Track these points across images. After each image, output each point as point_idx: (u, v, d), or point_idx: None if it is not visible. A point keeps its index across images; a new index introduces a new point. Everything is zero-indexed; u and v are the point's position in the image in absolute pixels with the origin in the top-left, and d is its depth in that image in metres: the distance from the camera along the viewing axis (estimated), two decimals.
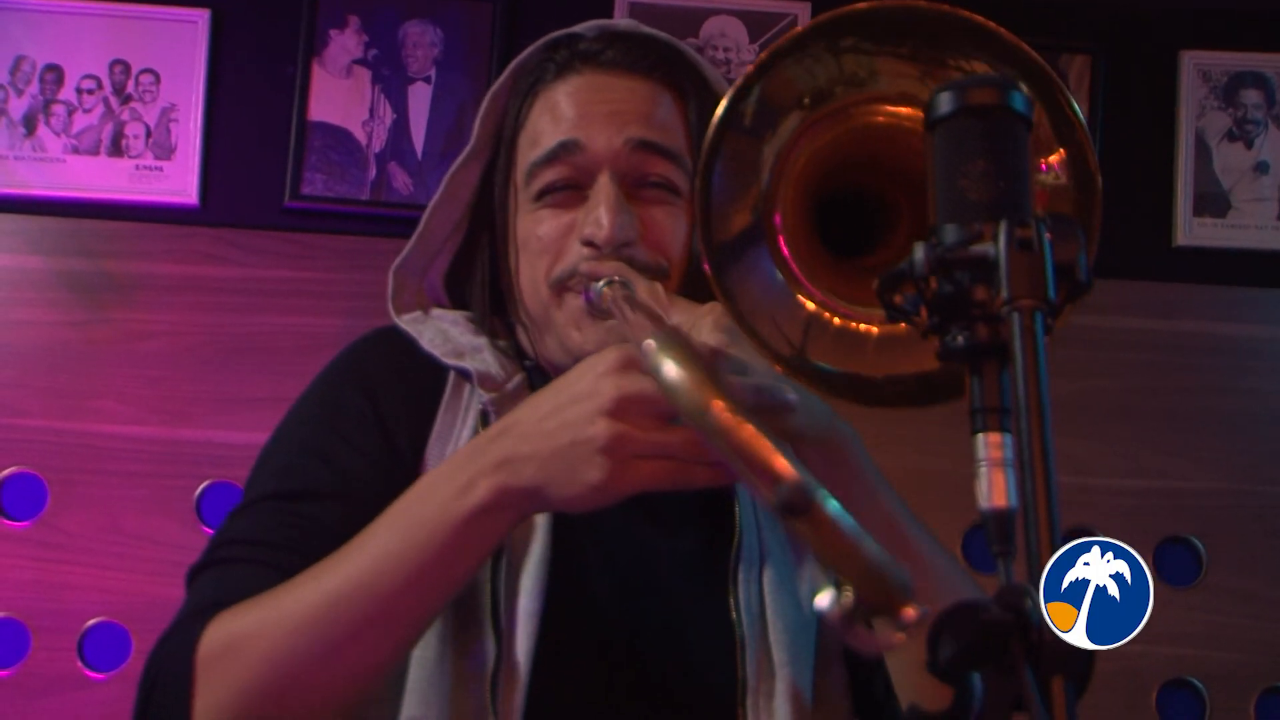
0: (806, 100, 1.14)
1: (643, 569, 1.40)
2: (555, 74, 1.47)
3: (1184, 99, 2.84)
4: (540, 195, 1.43)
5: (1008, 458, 0.82)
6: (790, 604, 1.39)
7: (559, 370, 1.42)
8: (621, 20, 1.50)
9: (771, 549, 1.42)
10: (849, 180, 1.21)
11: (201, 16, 2.74)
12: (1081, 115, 1.10)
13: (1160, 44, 2.87)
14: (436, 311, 1.54)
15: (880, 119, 1.15)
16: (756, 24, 2.81)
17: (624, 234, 1.37)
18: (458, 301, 1.58)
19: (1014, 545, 0.80)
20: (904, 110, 1.14)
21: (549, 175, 1.42)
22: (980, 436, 0.84)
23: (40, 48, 2.72)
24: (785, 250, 1.16)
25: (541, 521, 1.33)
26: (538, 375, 1.48)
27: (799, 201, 1.17)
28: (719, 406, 0.86)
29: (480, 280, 1.54)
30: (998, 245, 0.82)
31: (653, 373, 0.94)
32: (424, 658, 1.29)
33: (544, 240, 1.42)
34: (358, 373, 1.47)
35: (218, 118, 2.75)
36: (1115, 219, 2.86)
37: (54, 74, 2.71)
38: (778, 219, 1.17)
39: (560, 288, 1.41)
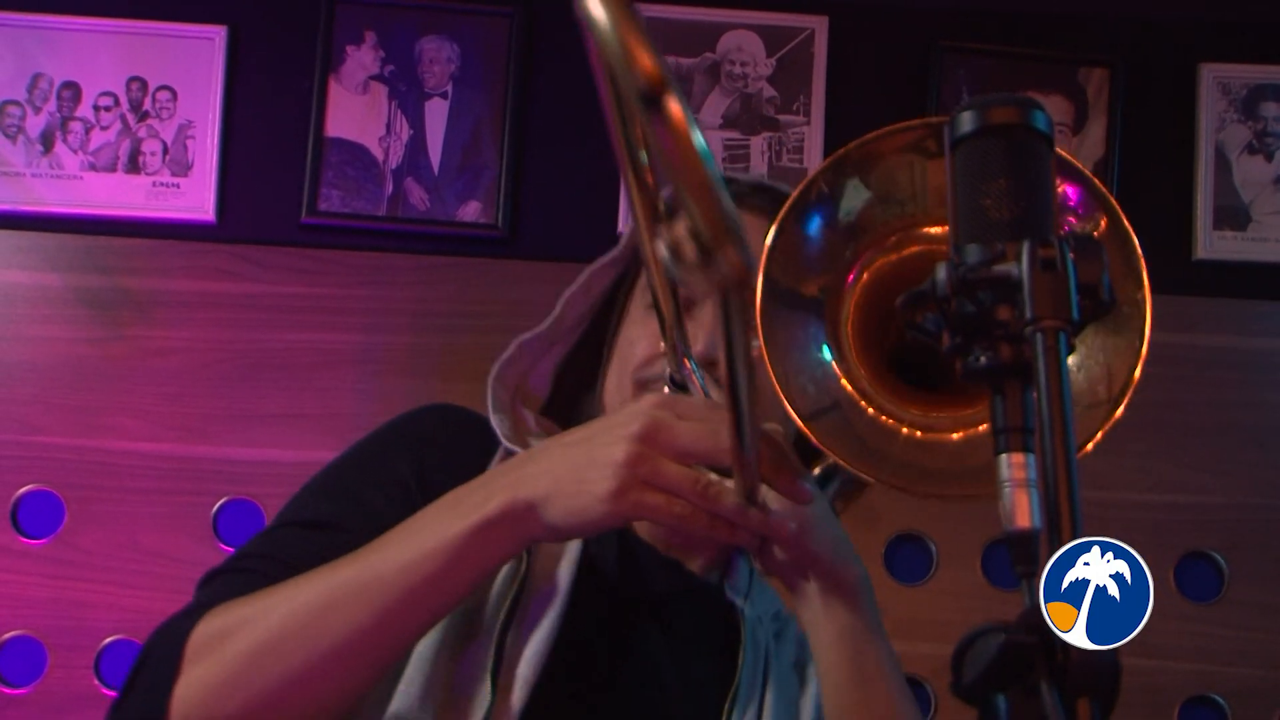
0: (879, 228, 1.18)
1: (645, 681, 1.41)
2: None
3: (1203, 112, 2.83)
4: (650, 305, 1.46)
5: (1031, 478, 0.82)
6: None
7: None
8: (780, 183, 1.55)
9: (774, 703, 1.42)
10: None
11: (218, 33, 2.75)
12: (1113, 201, 1.12)
13: (1180, 56, 2.86)
14: (523, 412, 1.57)
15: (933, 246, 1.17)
16: (773, 38, 2.81)
17: (714, 351, 1.37)
18: (558, 396, 1.59)
19: (1038, 566, 0.79)
20: None
21: None
22: (1003, 457, 0.83)
23: (57, 65, 2.73)
24: (839, 332, 1.19)
25: (559, 598, 1.34)
26: None
27: (862, 312, 1.19)
28: (616, 8, 0.82)
29: (591, 382, 1.58)
30: (1021, 265, 0.82)
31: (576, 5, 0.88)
32: (407, 704, 1.29)
33: (641, 341, 1.46)
34: (411, 434, 1.49)
35: (234, 134, 2.75)
36: (1134, 233, 2.85)
37: (71, 91, 2.72)
38: (842, 315, 1.19)
39: (642, 386, 1.44)
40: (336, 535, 1.33)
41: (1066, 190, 1.09)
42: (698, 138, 0.74)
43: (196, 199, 2.71)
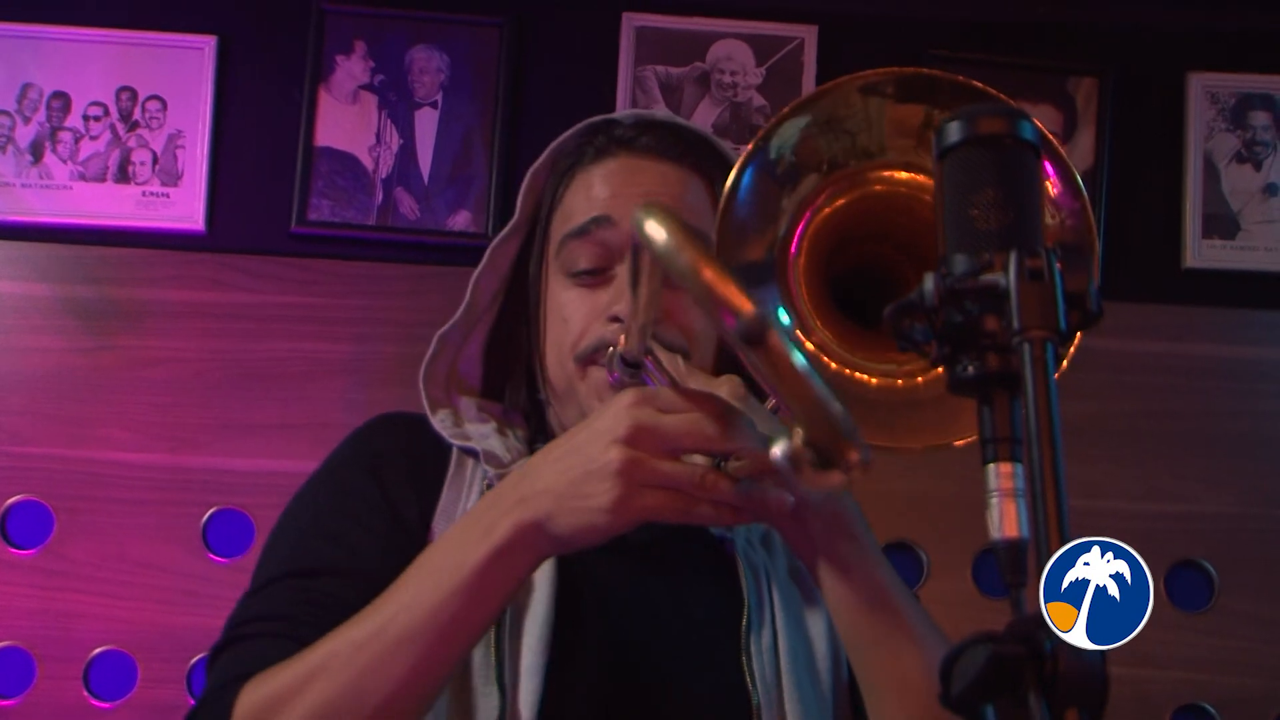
0: (824, 166, 1.16)
1: (649, 628, 1.42)
2: (593, 157, 1.53)
3: (1192, 121, 2.84)
4: (572, 273, 1.48)
5: (1019, 488, 0.82)
6: (805, 674, 1.41)
7: None
8: (659, 111, 1.58)
9: (785, 625, 1.43)
10: (859, 253, 1.23)
11: (208, 43, 2.74)
12: (1080, 180, 1.11)
13: (1168, 66, 2.86)
14: (461, 400, 1.58)
15: (885, 187, 1.17)
16: (763, 47, 2.81)
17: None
18: (491, 374, 1.61)
19: (1026, 576, 0.79)
20: (911, 177, 1.15)
21: (580, 251, 1.48)
22: (991, 466, 0.83)
23: (47, 75, 2.72)
24: (795, 297, 1.18)
25: (544, 576, 1.36)
26: None
27: (813, 260, 1.19)
28: (690, 252, 0.90)
29: (519, 354, 1.59)
30: (1008, 275, 0.82)
31: (634, 226, 0.98)
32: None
33: (572, 316, 1.47)
34: (363, 454, 1.51)
35: (224, 144, 2.75)
36: (1124, 241, 2.87)
37: (60, 101, 2.72)
38: (791, 273, 1.18)
39: (585, 361, 1.46)
40: (329, 581, 1.34)
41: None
42: (799, 359, 0.81)
43: (186, 209, 2.71)
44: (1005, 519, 0.81)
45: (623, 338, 1.35)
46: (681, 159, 1.51)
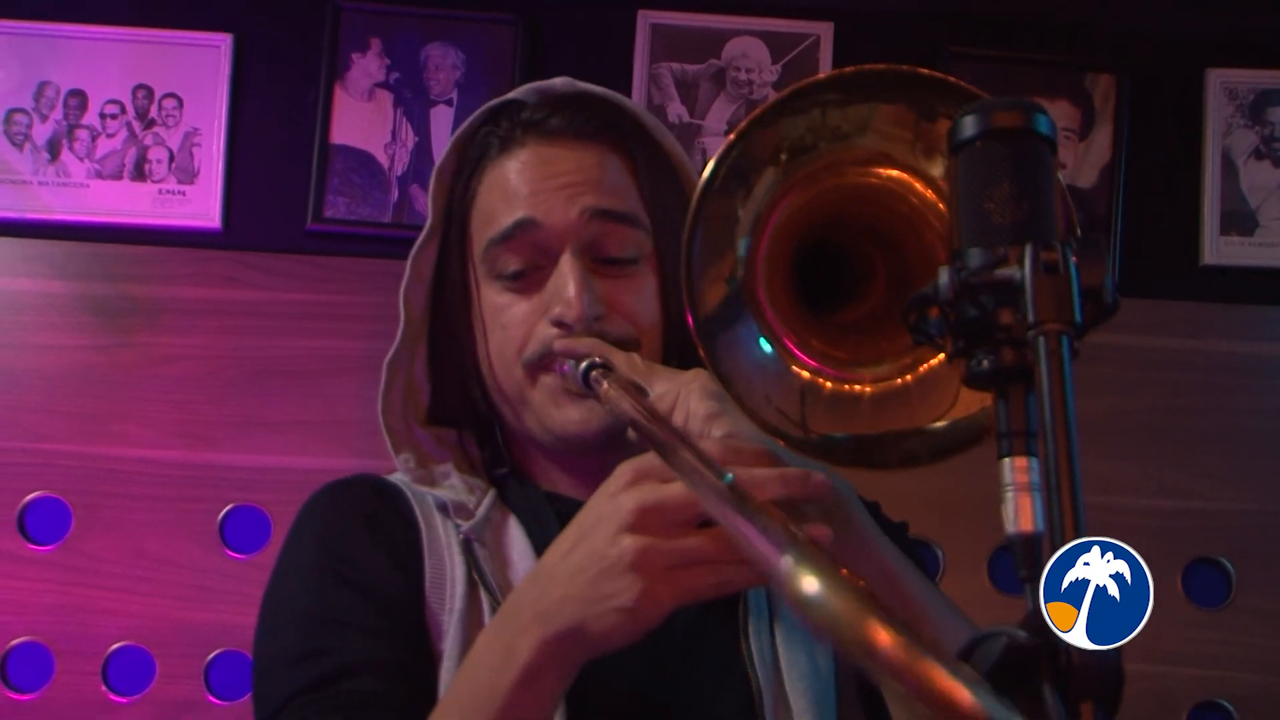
0: (783, 156, 1.13)
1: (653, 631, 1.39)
2: (500, 148, 1.47)
3: (1210, 117, 2.83)
4: (501, 277, 1.44)
5: (1034, 482, 0.81)
6: (804, 653, 1.38)
7: (540, 445, 1.46)
8: (557, 80, 1.51)
9: (782, 604, 1.41)
10: (823, 235, 1.20)
11: (224, 41, 2.75)
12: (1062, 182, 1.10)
13: (1186, 62, 2.86)
14: (419, 433, 1.53)
15: (855, 179, 1.14)
16: (779, 45, 2.81)
17: (593, 310, 1.38)
18: (437, 390, 1.55)
19: (1041, 570, 0.79)
20: (883, 171, 1.14)
21: (509, 257, 1.43)
22: (1006, 461, 0.83)
23: (64, 73, 2.73)
24: (770, 316, 1.16)
25: None
26: (513, 483, 1.50)
27: (778, 265, 1.16)
28: (884, 637, 0.70)
29: (459, 364, 1.52)
30: (1023, 269, 0.82)
31: (792, 594, 0.77)
32: None
33: (510, 323, 1.43)
34: (326, 540, 1.41)
35: (240, 141, 2.76)
36: (1142, 238, 2.86)
37: (77, 99, 2.73)
38: (760, 288, 1.15)
39: (534, 368, 1.42)
40: (349, 681, 1.28)
41: None
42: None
43: (202, 206, 2.71)
44: (1020, 513, 0.81)
45: (590, 371, 1.30)
46: (595, 137, 1.45)
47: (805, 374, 1.16)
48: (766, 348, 1.16)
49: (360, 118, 2.76)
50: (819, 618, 0.73)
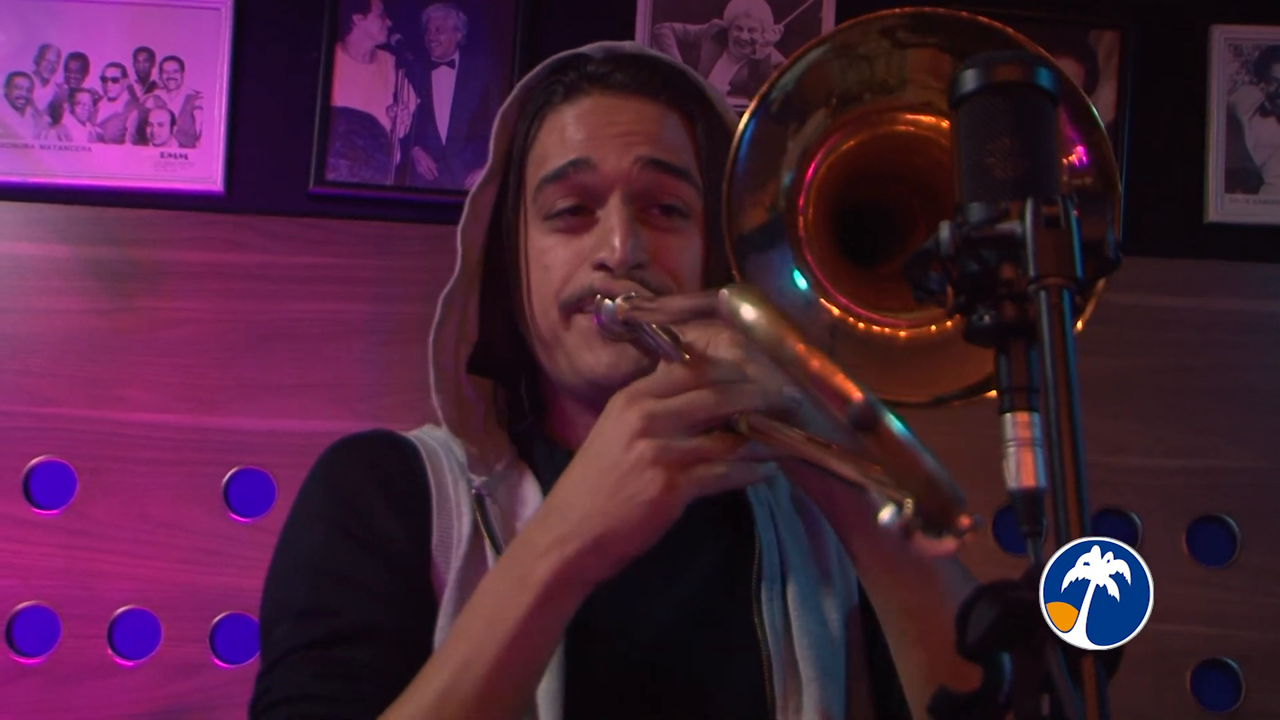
0: (834, 100, 1.14)
1: (662, 590, 1.40)
2: (563, 96, 1.47)
3: (1215, 74, 2.82)
4: (550, 217, 1.44)
5: (1036, 437, 0.82)
6: (815, 620, 1.39)
7: (571, 392, 1.47)
8: (627, 43, 1.51)
9: (794, 565, 1.42)
10: (867, 190, 1.21)
11: (225, 3, 2.74)
12: (1099, 118, 1.09)
13: (1191, 18, 2.84)
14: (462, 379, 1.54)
15: (902, 128, 1.15)
16: (782, 4, 2.80)
17: (636, 256, 1.37)
18: (485, 330, 1.56)
19: (1043, 525, 0.79)
20: (926, 119, 1.13)
21: (559, 195, 1.43)
22: (1008, 416, 0.83)
23: (64, 36, 2.72)
24: (806, 252, 1.16)
25: None
26: (539, 442, 1.52)
27: (821, 206, 1.17)
28: (793, 338, 0.89)
29: (506, 308, 1.53)
30: (1024, 223, 0.81)
31: (730, 315, 0.96)
32: None
33: (555, 263, 1.42)
34: (337, 497, 1.44)
35: (242, 104, 2.75)
36: (1146, 196, 2.84)
37: (78, 63, 2.72)
38: (801, 226, 1.17)
39: (570, 309, 1.41)
40: (348, 648, 1.30)
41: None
42: (907, 436, 0.85)
43: (204, 170, 2.71)
44: (1022, 468, 0.81)
45: (620, 301, 1.31)
46: (658, 95, 1.46)
47: (836, 310, 1.17)
48: (801, 281, 1.17)
49: (362, 80, 2.75)
50: (756, 337, 0.92)
